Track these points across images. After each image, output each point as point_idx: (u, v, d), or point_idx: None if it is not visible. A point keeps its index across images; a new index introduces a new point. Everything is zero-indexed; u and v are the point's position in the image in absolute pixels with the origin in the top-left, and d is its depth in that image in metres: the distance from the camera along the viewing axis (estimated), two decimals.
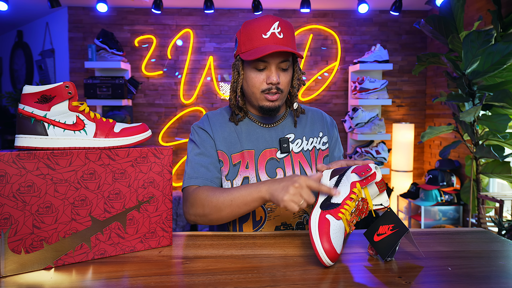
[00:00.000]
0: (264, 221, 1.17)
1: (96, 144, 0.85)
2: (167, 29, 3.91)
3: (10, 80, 5.35)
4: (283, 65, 1.13)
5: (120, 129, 0.89)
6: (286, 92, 1.17)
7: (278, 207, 1.17)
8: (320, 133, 1.27)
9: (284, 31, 1.11)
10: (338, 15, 3.98)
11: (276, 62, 1.11)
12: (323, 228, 0.80)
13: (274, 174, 1.18)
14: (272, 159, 1.19)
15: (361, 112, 3.57)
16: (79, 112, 0.86)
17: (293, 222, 1.18)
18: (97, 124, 0.87)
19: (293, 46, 1.14)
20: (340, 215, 0.82)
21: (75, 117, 0.85)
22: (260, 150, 1.19)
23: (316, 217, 0.83)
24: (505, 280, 0.74)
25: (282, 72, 1.14)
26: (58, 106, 0.83)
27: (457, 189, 3.39)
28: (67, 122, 0.84)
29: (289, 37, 1.12)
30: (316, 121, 1.29)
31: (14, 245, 0.76)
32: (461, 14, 2.50)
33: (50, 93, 0.81)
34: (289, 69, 1.16)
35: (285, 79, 1.15)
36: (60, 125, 0.83)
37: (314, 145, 1.25)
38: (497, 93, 2.33)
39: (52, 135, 0.82)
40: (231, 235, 1.03)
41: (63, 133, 0.83)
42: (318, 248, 0.78)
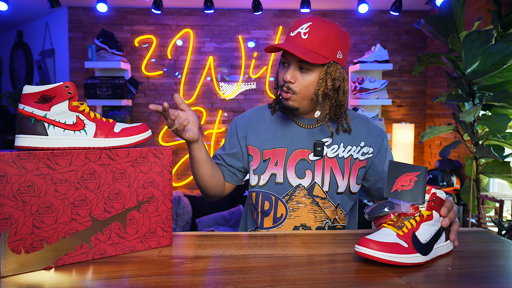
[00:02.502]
0: (284, 218, 1.18)
1: (96, 144, 0.85)
2: (167, 29, 3.91)
3: (10, 80, 5.35)
4: (303, 65, 1.09)
5: (120, 129, 0.89)
6: (303, 95, 1.12)
7: (300, 208, 1.17)
8: (362, 142, 1.20)
9: (312, 33, 1.08)
10: (338, 15, 3.98)
11: (294, 61, 1.10)
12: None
13: (303, 174, 1.18)
14: (304, 160, 1.18)
15: (361, 112, 3.57)
16: (79, 112, 0.85)
17: (313, 226, 1.18)
18: (97, 124, 0.87)
19: (318, 49, 1.08)
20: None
21: (75, 117, 0.85)
22: (293, 149, 1.19)
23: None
24: (505, 280, 0.74)
25: (301, 73, 1.11)
26: (58, 106, 0.83)
27: (457, 189, 3.39)
28: (67, 122, 0.84)
29: (315, 40, 1.07)
30: (360, 129, 1.21)
31: (14, 245, 0.76)
32: (461, 14, 2.50)
33: (50, 93, 0.81)
34: (311, 73, 1.10)
35: (303, 80, 1.11)
36: (60, 125, 0.83)
37: (351, 153, 1.19)
38: (497, 93, 2.33)
39: (52, 135, 0.82)
40: (231, 235, 1.03)
41: (63, 133, 0.83)
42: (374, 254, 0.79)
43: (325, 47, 1.08)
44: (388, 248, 0.79)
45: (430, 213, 0.85)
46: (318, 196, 1.17)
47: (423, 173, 0.86)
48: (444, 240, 0.88)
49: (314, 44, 1.07)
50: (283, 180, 1.18)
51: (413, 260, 0.80)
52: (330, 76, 1.11)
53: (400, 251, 0.79)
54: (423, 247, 0.82)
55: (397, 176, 0.88)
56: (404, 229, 0.83)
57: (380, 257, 0.78)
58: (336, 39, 1.10)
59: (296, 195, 1.18)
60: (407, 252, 0.80)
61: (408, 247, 0.80)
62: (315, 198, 1.17)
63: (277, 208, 1.18)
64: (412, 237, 0.82)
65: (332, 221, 1.19)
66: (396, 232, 0.82)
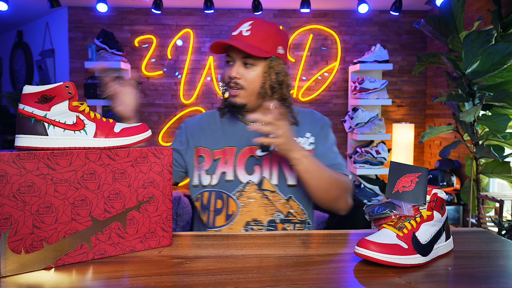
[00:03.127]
0: (236, 215, 1.20)
1: (96, 144, 0.85)
2: (167, 29, 3.91)
3: (10, 80, 5.35)
4: (247, 61, 1.16)
5: (120, 129, 0.89)
6: (251, 89, 1.18)
7: (251, 203, 1.19)
8: (307, 133, 1.25)
9: (254, 30, 1.15)
10: (338, 15, 3.98)
11: (238, 57, 1.17)
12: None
13: (252, 171, 1.21)
14: (252, 156, 1.22)
15: (361, 112, 3.57)
16: (79, 112, 0.85)
17: (264, 219, 1.19)
18: (97, 124, 0.87)
19: (260, 44, 1.15)
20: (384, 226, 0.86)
21: (75, 117, 0.85)
22: (241, 147, 1.23)
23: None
24: (505, 280, 0.74)
25: (246, 69, 1.17)
26: (58, 106, 0.82)
27: (457, 189, 3.39)
28: (67, 122, 0.84)
29: (256, 36, 1.15)
30: (306, 122, 1.27)
31: (14, 245, 0.76)
32: (461, 14, 2.50)
33: (50, 93, 0.81)
34: (256, 67, 1.17)
35: (248, 75, 1.17)
36: (60, 125, 0.83)
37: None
38: (497, 93, 2.33)
39: (52, 135, 0.82)
40: (231, 235, 1.03)
41: (63, 133, 0.83)
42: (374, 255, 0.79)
43: (266, 42, 1.16)
44: (388, 249, 0.79)
45: (431, 214, 0.85)
46: (267, 190, 1.20)
47: (424, 174, 0.86)
48: (444, 240, 0.88)
49: (256, 40, 1.15)
50: (233, 177, 1.21)
51: (413, 261, 0.80)
52: (273, 70, 1.18)
53: (400, 252, 0.79)
54: (423, 248, 0.82)
55: (398, 177, 0.88)
56: (404, 230, 0.83)
57: (380, 259, 0.78)
58: (276, 35, 1.18)
59: (246, 191, 1.20)
60: (407, 253, 0.80)
61: (408, 248, 0.80)
62: (264, 192, 1.20)
63: (228, 205, 1.21)
64: (412, 238, 0.82)
65: (286, 214, 1.20)
66: (396, 233, 0.82)
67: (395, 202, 0.87)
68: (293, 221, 1.21)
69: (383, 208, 0.87)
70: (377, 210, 0.88)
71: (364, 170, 3.59)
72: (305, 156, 1.08)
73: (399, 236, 0.81)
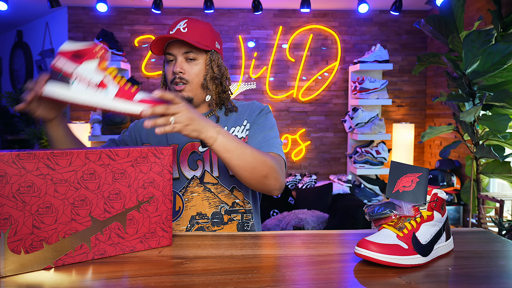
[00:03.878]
0: (182, 211, 1.21)
1: (113, 105, 0.89)
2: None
3: (10, 80, 5.35)
4: (189, 55, 1.18)
5: (140, 99, 0.91)
6: (195, 83, 1.20)
7: (194, 198, 1.20)
8: (244, 121, 1.25)
9: (190, 27, 1.18)
10: (338, 15, 3.98)
11: (180, 53, 1.18)
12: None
13: (195, 166, 1.22)
14: (194, 152, 1.23)
15: (361, 112, 3.57)
16: (106, 73, 0.90)
17: (209, 212, 1.20)
18: (120, 89, 0.90)
19: (199, 39, 1.17)
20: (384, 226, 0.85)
21: (101, 77, 0.90)
22: (183, 144, 1.24)
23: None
24: (505, 280, 0.74)
25: (189, 64, 1.19)
26: (87, 64, 0.89)
27: (457, 189, 3.39)
28: (92, 80, 0.89)
29: (194, 32, 1.17)
30: (244, 111, 1.27)
31: (14, 245, 0.76)
32: (461, 14, 2.50)
33: (82, 53, 0.89)
34: (198, 61, 1.20)
35: (192, 70, 1.19)
36: (85, 82, 0.88)
37: (235, 133, 1.24)
38: (497, 93, 2.33)
39: (74, 89, 0.88)
40: (231, 235, 1.03)
41: (85, 90, 0.88)
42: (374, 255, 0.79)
43: (204, 37, 1.19)
44: (388, 249, 0.79)
45: (431, 214, 0.85)
46: (209, 182, 1.21)
47: (425, 175, 0.86)
48: (445, 240, 0.88)
49: (195, 35, 1.17)
50: (179, 175, 1.22)
51: (413, 262, 0.80)
52: (214, 63, 1.22)
53: (400, 252, 0.79)
54: (423, 248, 0.82)
55: (398, 177, 0.88)
56: (404, 231, 0.82)
57: (380, 259, 0.78)
58: (211, 31, 1.22)
59: (190, 186, 1.21)
60: (407, 253, 0.80)
61: (408, 248, 0.80)
62: (206, 185, 1.21)
63: (175, 203, 1.22)
64: (412, 238, 0.81)
65: (231, 205, 1.21)
66: (396, 233, 0.82)
67: (395, 202, 0.87)
68: (240, 211, 1.22)
69: (383, 208, 0.87)
70: (377, 210, 0.88)
71: (364, 170, 3.59)
72: (219, 132, 1.00)
73: (399, 237, 0.81)
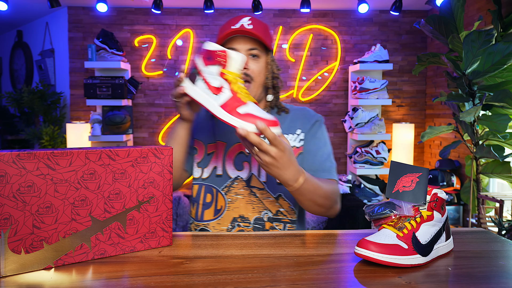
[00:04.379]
0: (224, 210, 1.20)
1: (217, 112, 0.93)
2: (167, 29, 3.91)
3: (10, 80, 5.35)
4: (253, 52, 1.16)
5: (245, 112, 0.91)
6: (258, 82, 1.18)
7: (238, 200, 1.19)
8: (298, 130, 1.23)
9: (255, 25, 1.15)
10: (338, 15, 3.98)
11: (244, 49, 1.15)
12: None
13: (241, 167, 1.21)
14: (241, 153, 1.22)
15: (361, 112, 3.57)
16: (225, 79, 0.94)
17: (251, 217, 1.18)
18: (232, 97, 0.93)
19: (264, 37, 1.15)
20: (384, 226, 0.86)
21: (219, 82, 0.94)
22: (232, 143, 1.22)
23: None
24: (505, 280, 0.74)
25: (253, 60, 1.17)
26: (212, 67, 0.94)
27: (457, 189, 3.39)
28: (212, 83, 0.95)
29: (259, 29, 1.14)
30: (298, 118, 1.25)
31: (14, 245, 0.76)
32: (461, 14, 2.50)
33: (210, 55, 0.94)
34: (261, 59, 1.18)
35: (256, 67, 1.16)
36: (206, 82, 0.95)
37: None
38: (497, 93, 2.33)
39: (198, 86, 0.96)
40: (231, 235, 1.03)
41: (203, 89, 0.95)
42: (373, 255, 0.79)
43: (267, 36, 1.17)
44: (388, 249, 0.79)
45: (431, 214, 0.85)
46: (255, 187, 1.19)
47: (425, 175, 0.86)
48: (445, 240, 0.88)
49: (259, 32, 1.14)
50: (222, 172, 1.22)
51: (413, 262, 0.80)
52: (274, 62, 1.22)
53: (400, 252, 0.79)
54: (423, 248, 0.82)
55: (398, 177, 0.88)
56: (404, 231, 0.83)
57: (380, 259, 0.78)
58: (270, 32, 1.21)
59: (234, 187, 1.20)
60: (407, 253, 0.80)
61: (408, 248, 0.80)
62: (252, 189, 1.19)
63: (217, 200, 1.20)
64: (412, 238, 0.82)
65: (275, 213, 1.19)
66: (396, 233, 0.82)
67: (395, 202, 0.87)
68: (283, 220, 1.19)
69: (383, 208, 0.87)
70: (377, 210, 0.88)
71: (364, 170, 3.58)
72: (300, 182, 0.98)
73: (399, 236, 0.81)
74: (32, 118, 4.36)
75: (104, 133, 3.50)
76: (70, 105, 3.99)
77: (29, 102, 3.87)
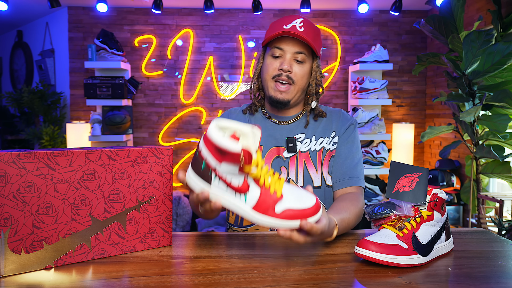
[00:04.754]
0: None
1: (251, 218, 0.79)
2: (167, 29, 3.91)
3: (10, 80, 5.35)
4: (299, 56, 1.13)
5: (283, 209, 0.77)
6: (299, 86, 1.15)
7: None
8: (333, 133, 1.22)
9: (306, 27, 1.12)
10: (338, 15, 3.98)
11: (291, 52, 1.12)
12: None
13: (278, 171, 1.19)
14: (279, 157, 1.20)
15: (361, 112, 3.57)
16: (249, 175, 0.78)
17: None
18: (262, 194, 0.78)
19: (313, 41, 1.12)
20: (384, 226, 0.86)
21: (241, 179, 0.78)
22: (268, 147, 1.20)
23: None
24: (505, 280, 0.74)
25: (297, 64, 1.14)
26: (228, 165, 0.76)
27: (457, 189, 3.39)
28: (233, 182, 0.78)
29: (310, 33, 1.11)
30: (333, 121, 1.24)
31: (14, 245, 0.76)
32: (461, 14, 2.50)
33: (225, 152, 0.74)
34: (306, 64, 1.15)
35: (299, 71, 1.14)
36: (225, 182, 0.78)
37: (323, 145, 1.20)
38: (497, 93, 2.33)
39: (215, 187, 0.79)
40: (231, 235, 1.03)
41: (225, 190, 0.79)
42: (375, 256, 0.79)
43: (316, 41, 1.14)
44: (388, 249, 0.79)
45: (431, 214, 0.85)
46: None
47: (425, 175, 0.86)
48: (444, 240, 0.88)
49: (310, 37, 1.11)
50: None
51: (413, 262, 0.80)
52: (319, 69, 1.19)
53: (400, 252, 0.79)
54: (423, 248, 0.82)
55: (398, 176, 0.88)
56: (404, 230, 0.83)
57: (380, 259, 0.78)
58: (320, 37, 1.18)
59: None
60: (407, 253, 0.80)
61: (408, 248, 0.80)
62: None
63: None
64: (412, 238, 0.82)
65: None
66: (396, 233, 0.82)
67: (395, 202, 0.87)
68: None
69: (383, 208, 0.87)
70: (377, 210, 0.88)
71: (364, 170, 3.58)
72: (334, 235, 0.93)
73: (399, 236, 0.81)
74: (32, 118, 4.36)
75: (104, 133, 3.50)
76: (70, 105, 3.99)
77: (29, 102, 3.87)
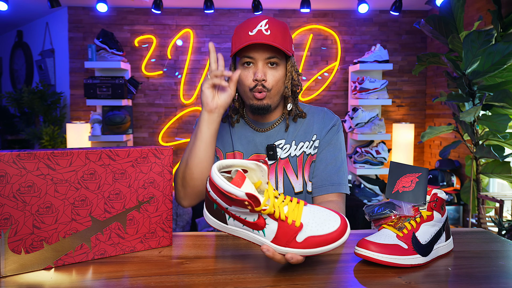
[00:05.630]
0: None
1: (274, 248, 0.77)
2: (167, 29, 3.91)
3: (10, 80, 5.35)
4: (272, 61, 1.09)
5: (304, 238, 0.75)
6: (276, 91, 1.12)
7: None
8: (314, 136, 1.18)
9: (273, 29, 1.07)
10: (338, 15, 3.98)
11: (262, 58, 1.08)
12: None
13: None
14: None
15: (361, 112, 3.57)
16: (262, 213, 0.76)
17: None
18: (280, 226, 0.76)
19: (282, 43, 1.08)
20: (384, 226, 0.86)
21: (256, 215, 0.76)
22: (249, 154, 1.18)
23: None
24: (505, 280, 0.74)
25: (270, 70, 1.10)
26: (238, 208, 0.75)
27: (457, 189, 3.39)
28: (248, 219, 0.77)
29: (277, 34, 1.07)
30: (314, 122, 1.19)
31: (14, 245, 0.76)
32: (461, 14, 2.50)
33: (232, 197, 0.74)
34: (280, 66, 1.11)
35: (273, 77, 1.10)
36: (240, 220, 0.77)
37: (303, 150, 1.17)
38: (497, 93, 2.33)
39: (231, 225, 0.78)
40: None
41: (242, 227, 0.78)
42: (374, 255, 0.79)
43: (285, 40, 1.09)
44: (388, 249, 0.79)
45: (431, 214, 0.85)
46: None
47: (425, 175, 0.86)
48: (444, 240, 0.88)
49: (278, 39, 1.07)
50: None
51: (413, 262, 0.80)
52: (293, 68, 1.14)
53: (400, 252, 0.79)
54: (423, 248, 0.82)
55: (398, 177, 0.88)
56: (404, 231, 0.83)
57: (380, 259, 0.78)
58: (289, 33, 1.13)
59: None
60: (407, 253, 0.80)
61: (408, 248, 0.80)
62: None
63: None
64: (412, 238, 0.82)
65: None
66: (396, 233, 0.82)
67: (395, 202, 0.87)
68: None
69: (383, 208, 0.87)
70: (377, 210, 0.88)
71: (364, 170, 3.59)
72: None
73: (399, 237, 0.81)
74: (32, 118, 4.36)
75: (104, 133, 3.50)
76: (70, 105, 3.99)
77: (29, 102, 3.88)
